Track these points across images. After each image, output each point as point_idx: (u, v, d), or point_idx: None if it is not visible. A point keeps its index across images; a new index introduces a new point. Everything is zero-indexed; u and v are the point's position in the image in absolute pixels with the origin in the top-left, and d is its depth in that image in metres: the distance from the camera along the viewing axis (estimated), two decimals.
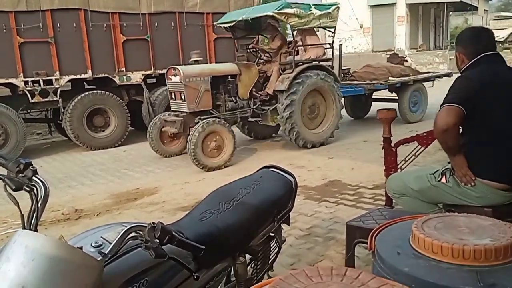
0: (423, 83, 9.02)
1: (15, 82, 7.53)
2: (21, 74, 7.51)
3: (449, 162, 2.48)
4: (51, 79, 7.77)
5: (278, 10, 6.47)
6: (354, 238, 2.42)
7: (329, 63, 7.39)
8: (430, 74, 9.37)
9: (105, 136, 8.26)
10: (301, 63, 6.93)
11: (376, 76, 8.54)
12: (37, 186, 1.34)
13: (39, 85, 7.65)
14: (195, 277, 1.51)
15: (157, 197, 5.06)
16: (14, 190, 1.34)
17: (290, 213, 2.28)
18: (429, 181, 2.53)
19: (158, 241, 1.25)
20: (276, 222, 2.14)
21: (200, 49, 8.31)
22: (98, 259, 1.20)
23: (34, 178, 1.36)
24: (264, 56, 7.34)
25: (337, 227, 3.71)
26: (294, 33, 7.29)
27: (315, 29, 7.37)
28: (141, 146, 7.94)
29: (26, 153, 7.48)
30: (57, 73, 7.82)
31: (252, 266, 2.10)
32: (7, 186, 1.35)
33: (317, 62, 7.18)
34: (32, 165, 1.40)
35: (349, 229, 2.48)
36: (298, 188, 2.35)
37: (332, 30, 7.43)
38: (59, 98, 7.81)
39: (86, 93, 8.10)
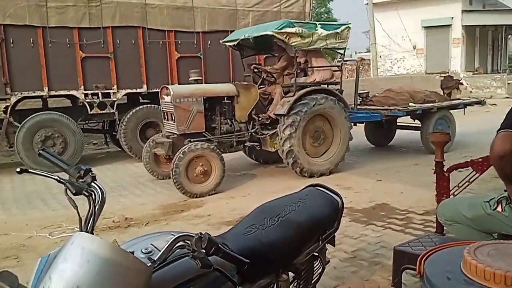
0: (451, 111, 8.30)
1: (76, 94, 8.00)
2: (82, 87, 7.98)
3: (505, 190, 2.36)
4: (109, 92, 8.19)
5: (278, 30, 6.12)
6: (402, 264, 2.35)
7: (337, 86, 6.95)
8: (458, 101, 8.65)
9: None
10: (308, 86, 6.54)
11: (396, 102, 7.88)
12: (95, 192, 1.42)
13: (98, 97, 8.09)
14: None
15: (203, 210, 5.16)
16: (74, 194, 1.42)
17: (335, 234, 2.25)
18: (484, 209, 2.42)
19: (204, 251, 1.28)
20: (320, 242, 2.12)
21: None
22: (148, 264, 1.25)
23: (93, 184, 1.44)
24: (267, 77, 6.92)
25: (384, 252, 3.61)
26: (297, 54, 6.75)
27: (322, 50, 6.88)
28: None
29: (82, 162, 7.86)
30: (115, 87, 8.23)
31: (295, 284, 2.08)
32: (67, 190, 1.44)
33: (325, 86, 6.77)
34: (91, 171, 1.49)
35: (397, 254, 2.41)
36: (344, 209, 2.31)
37: (341, 52, 7.07)
38: (116, 111, 8.22)
39: (141, 106, 8.46)
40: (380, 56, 21.94)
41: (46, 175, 1.52)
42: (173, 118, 6.01)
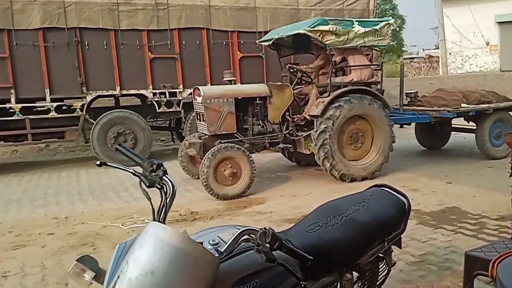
0: (510, 112, 7.55)
1: (145, 93, 8.41)
2: (150, 86, 8.37)
3: None
4: (175, 92, 8.53)
5: (311, 28, 5.85)
6: (474, 270, 2.23)
7: (377, 86, 6.57)
8: None
9: None
10: (347, 86, 6.24)
11: (447, 102, 7.24)
12: (167, 185, 1.50)
13: (165, 96, 8.45)
14: (303, 286, 1.53)
15: (264, 207, 5.21)
16: (148, 187, 1.52)
17: (401, 236, 2.19)
18: None
19: (268, 246, 1.30)
20: (386, 243, 2.07)
21: None
22: (216, 255, 1.29)
23: (164, 177, 1.53)
24: (303, 76, 6.62)
25: (454, 257, 3.44)
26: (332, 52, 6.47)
27: (362, 48, 6.45)
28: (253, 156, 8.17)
29: (151, 158, 8.15)
30: (181, 86, 8.55)
31: (359, 284, 2.05)
32: (142, 182, 1.53)
33: (363, 86, 6.36)
34: (163, 165, 1.57)
35: (469, 259, 2.30)
36: (411, 211, 2.24)
37: (382, 49, 6.68)
38: (182, 109, 8.53)
39: None
40: (450, 53, 20.85)
41: (123, 168, 1.62)
42: (204, 118, 6.00)
